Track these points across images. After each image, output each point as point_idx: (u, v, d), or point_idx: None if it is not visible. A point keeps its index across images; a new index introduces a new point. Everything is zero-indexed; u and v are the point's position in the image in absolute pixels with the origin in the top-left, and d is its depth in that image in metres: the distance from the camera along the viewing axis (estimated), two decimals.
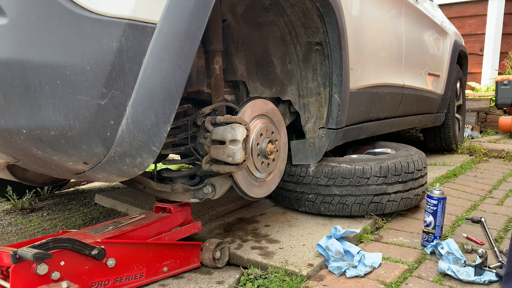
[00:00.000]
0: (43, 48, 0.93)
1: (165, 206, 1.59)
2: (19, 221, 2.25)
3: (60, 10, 0.93)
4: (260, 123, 1.65)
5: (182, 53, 1.11)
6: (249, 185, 1.65)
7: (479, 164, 3.72)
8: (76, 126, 1.00)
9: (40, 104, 0.95)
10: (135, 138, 1.09)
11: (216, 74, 1.63)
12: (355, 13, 2.06)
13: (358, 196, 1.94)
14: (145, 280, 1.38)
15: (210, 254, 1.52)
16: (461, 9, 7.38)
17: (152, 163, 1.30)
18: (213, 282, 1.44)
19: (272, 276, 1.45)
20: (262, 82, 2.02)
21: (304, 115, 2.05)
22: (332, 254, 1.50)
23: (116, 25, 1.00)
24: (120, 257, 1.30)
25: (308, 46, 1.92)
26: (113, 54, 1.00)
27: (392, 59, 2.57)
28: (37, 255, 1.04)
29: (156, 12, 1.07)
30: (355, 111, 2.16)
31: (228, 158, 1.41)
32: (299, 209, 2.09)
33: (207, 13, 1.16)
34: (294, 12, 1.82)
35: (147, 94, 1.07)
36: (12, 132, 0.97)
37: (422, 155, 2.21)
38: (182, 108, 1.55)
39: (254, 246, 1.68)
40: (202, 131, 1.50)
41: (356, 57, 2.06)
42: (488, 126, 6.38)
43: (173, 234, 1.51)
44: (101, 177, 1.18)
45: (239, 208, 2.24)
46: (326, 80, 1.96)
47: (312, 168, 2.01)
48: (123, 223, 1.47)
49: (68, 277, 1.15)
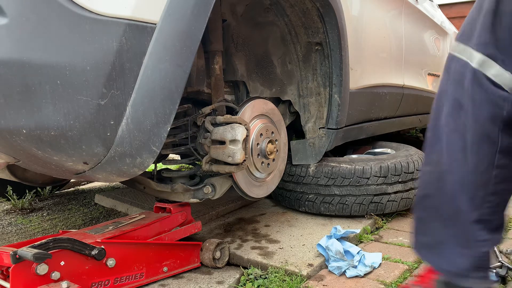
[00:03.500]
0: (43, 48, 0.93)
1: (165, 206, 1.59)
2: (19, 221, 2.25)
3: (60, 10, 0.93)
4: (260, 123, 1.65)
5: (182, 53, 1.11)
6: (249, 185, 1.65)
7: None
8: (76, 126, 1.00)
9: (40, 104, 0.95)
10: (135, 138, 1.09)
11: (216, 74, 1.63)
12: (355, 13, 2.06)
13: (358, 196, 1.94)
14: (145, 280, 1.38)
15: (210, 254, 1.52)
16: (461, 9, 7.38)
17: (152, 163, 1.30)
18: (213, 282, 1.44)
19: (272, 276, 1.45)
20: (262, 82, 2.02)
21: (304, 115, 2.05)
22: (332, 254, 1.50)
23: (116, 25, 1.00)
24: (120, 257, 1.30)
25: (308, 46, 1.92)
26: (113, 54, 1.00)
27: (392, 59, 2.57)
28: (37, 255, 1.04)
29: (156, 12, 1.06)
30: (355, 111, 2.16)
31: (228, 158, 1.41)
32: (299, 209, 2.09)
33: (207, 13, 1.16)
34: (294, 12, 1.82)
35: (147, 94, 1.07)
36: (12, 132, 0.97)
37: (422, 155, 2.21)
38: (182, 108, 1.55)
39: (254, 246, 1.68)
40: (202, 131, 1.50)
41: (356, 57, 2.06)
42: None
43: (173, 234, 1.51)
44: (101, 177, 1.18)
45: (239, 208, 2.24)
46: (326, 80, 1.96)
47: (312, 168, 2.01)
48: (123, 223, 1.47)
49: (68, 277, 1.15)
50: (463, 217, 0.95)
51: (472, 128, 0.92)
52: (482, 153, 0.92)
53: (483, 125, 0.90)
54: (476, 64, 0.90)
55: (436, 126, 1.00)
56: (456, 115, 0.94)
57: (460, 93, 0.94)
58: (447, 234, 0.99)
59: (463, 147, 0.93)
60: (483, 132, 0.91)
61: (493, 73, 0.88)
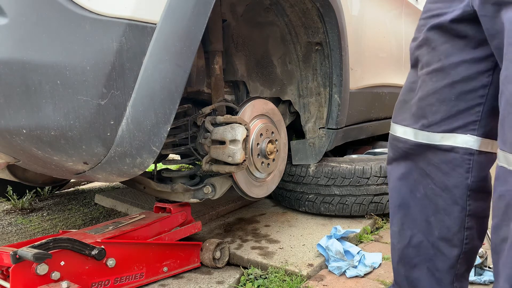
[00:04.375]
0: (43, 48, 0.93)
1: (165, 206, 1.59)
2: (19, 221, 2.25)
3: (60, 10, 0.93)
4: (260, 123, 1.65)
5: (182, 53, 1.11)
6: (249, 185, 1.65)
7: None
8: (76, 126, 1.00)
9: (40, 104, 0.95)
10: (135, 138, 1.09)
11: (216, 74, 1.63)
12: (355, 13, 2.06)
13: (358, 196, 1.94)
14: (145, 280, 1.38)
15: (210, 254, 1.52)
16: None
17: (152, 163, 1.30)
18: (213, 282, 1.44)
19: (272, 276, 1.45)
20: (262, 82, 2.02)
21: (304, 115, 2.05)
22: (332, 254, 1.50)
23: (116, 25, 1.00)
24: (120, 257, 1.30)
25: (308, 46, 1.92)
26: (113, 54, 1.00)
27: (392, 59, 2.57)
28: (37, 255, 1.04)
29: (156, 12, 1.06)
30: (355, 111, 2.16)
31: (228, 158, 1.41)
32: (299, 209, 2.09)
33: (207, 13, 1.16)
34: (294, 12, 1.82)
35: (147, 94, 1.07)
36: (12, 132, 0.97)
37: None
38: (182, 108, 1.55)
39: (254, 246, 1.68)
40: (202, 131, 1.50)
41: (356, 57, 2.06)
42: None
43: (173, 234, 1.51)
44: (101, 177, 1.18)
45: (239, 208, 2.24)
46: (326, 80, 1.96)
47: (312, 168, 2.01)
48: (123, 223, 1.47)
49: (68, 277, 1.15)
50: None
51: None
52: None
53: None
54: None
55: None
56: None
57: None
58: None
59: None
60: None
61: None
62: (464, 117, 0.91)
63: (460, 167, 0.92)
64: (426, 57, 0.95)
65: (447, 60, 0.91)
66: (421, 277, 1.02)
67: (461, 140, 0.91)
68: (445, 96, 0.92)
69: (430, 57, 0.94)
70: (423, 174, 0.98)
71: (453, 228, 0.96)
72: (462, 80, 0.90)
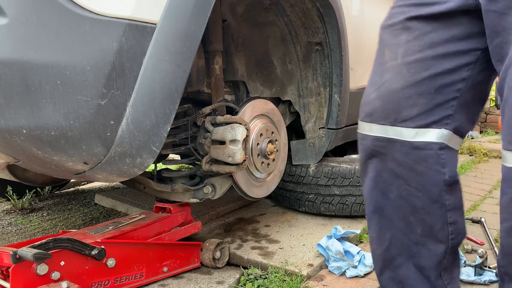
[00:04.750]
0: (43, 48, 0.93)
1: (165, 206, 1.59)
2: (19, 221, 2.25)
3: (60, 10, 0.93)
4: (260, 123, 1.65)
5: (182, 53, 1.11)
6: (249, 185, 1.65)
7: (479, 164, 3.72)
8: (76, 126, 1.00)
9: (40, 104, 0.95)
10: (135, 138, 1.09)
11: (216, 74, 1.63)
12: (355, 13, 2.06)
13: (358, 196, 1.94)
14: (145, 280, 1.38)
15: (210, 254, 1.52)
16: None
17: (152, 163, 1.30)
18: (213, 282, 1.44)
19: (272, 276, 1.45)
20: (262, 82, 2.02)
21: (304, 115, 2.05)
22: (332, 254, 1.50)
23: (116, 25, 1.00)
24: (120, 257, 1.30)
25: (308, 46, 1.92)
26: (113, 54, 1.00)
27: None
28: (37, 255, 1.04)
29: (156, 12, 1.06)
30: (355, 111, 2.15)
31: (228, 158, 1.41)
32: (299, 209, 2.09)
33: (207, 13, 1.16)
34: (294, 12, 1.82)
35: (147, 94, 1.07)
36: (12, 132, 0.97)
37: None
38: (182, 108, 1.55)
39: (254, 246, 1.68)
40: (202, 131, 1.50)
41: (356, 57, 2.06)
42: (488, 126, 6.39)
43: (173, 234, 1.51)
44: (101, 177, 1.18)
45: (239, 208, 2.24)
46: (326, 80, 1.96)
47: (312, 168, 2.01)
48: (123, 223, 1.47)
49: (68, 277, 1.15)
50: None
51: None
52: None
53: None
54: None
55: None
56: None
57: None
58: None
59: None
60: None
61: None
62: (440, 111, 0.87)
63: (436, 164, 0.89)
64: (404, 46, 0.90)
65: (431, 51, 0.86)
66: (408, 275, 0.98)
67: (436, 135, 0.88)
68: (424, 88, 0.87)
69: (409, 47, 0.89)
70: (393, 175, 0.93)
71: (436, 226, 0.92)
72: (444, 72, 0.86)
